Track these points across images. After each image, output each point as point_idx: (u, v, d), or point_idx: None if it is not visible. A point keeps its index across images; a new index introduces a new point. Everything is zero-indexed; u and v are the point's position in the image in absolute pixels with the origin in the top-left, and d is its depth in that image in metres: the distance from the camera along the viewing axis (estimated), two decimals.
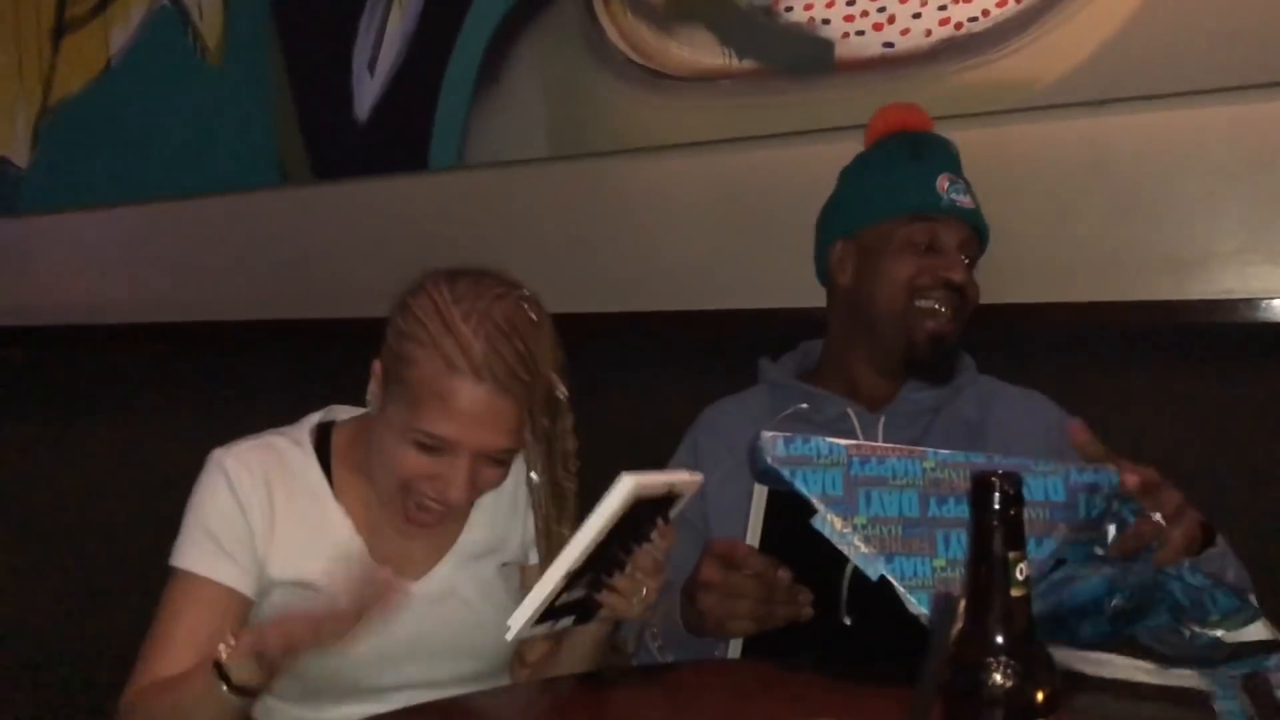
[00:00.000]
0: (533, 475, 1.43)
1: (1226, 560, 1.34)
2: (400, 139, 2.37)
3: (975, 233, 1.65)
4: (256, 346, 2.58)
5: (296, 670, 1.26)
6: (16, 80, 2.88)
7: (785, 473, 1.19)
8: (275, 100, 2.54)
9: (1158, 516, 1.20)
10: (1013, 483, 0.78)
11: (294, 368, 2.49)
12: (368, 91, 2.41)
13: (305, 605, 1.26)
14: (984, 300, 1.83)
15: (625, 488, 1.12)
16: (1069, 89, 1.81)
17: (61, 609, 2.81)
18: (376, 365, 1.37)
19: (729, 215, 2.09)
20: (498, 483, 1.39)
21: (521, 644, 1.48)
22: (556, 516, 1.44)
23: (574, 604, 1.22)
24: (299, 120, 2.51)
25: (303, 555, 1.37)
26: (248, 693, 1.21)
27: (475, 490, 1.36)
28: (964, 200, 1.63)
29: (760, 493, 1.28)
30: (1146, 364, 1.82)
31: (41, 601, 2.84)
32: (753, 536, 1.30)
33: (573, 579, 1.16)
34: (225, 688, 1.19)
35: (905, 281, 1.61)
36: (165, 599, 1.37)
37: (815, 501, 1.18)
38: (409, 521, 1.37)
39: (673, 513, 1.25)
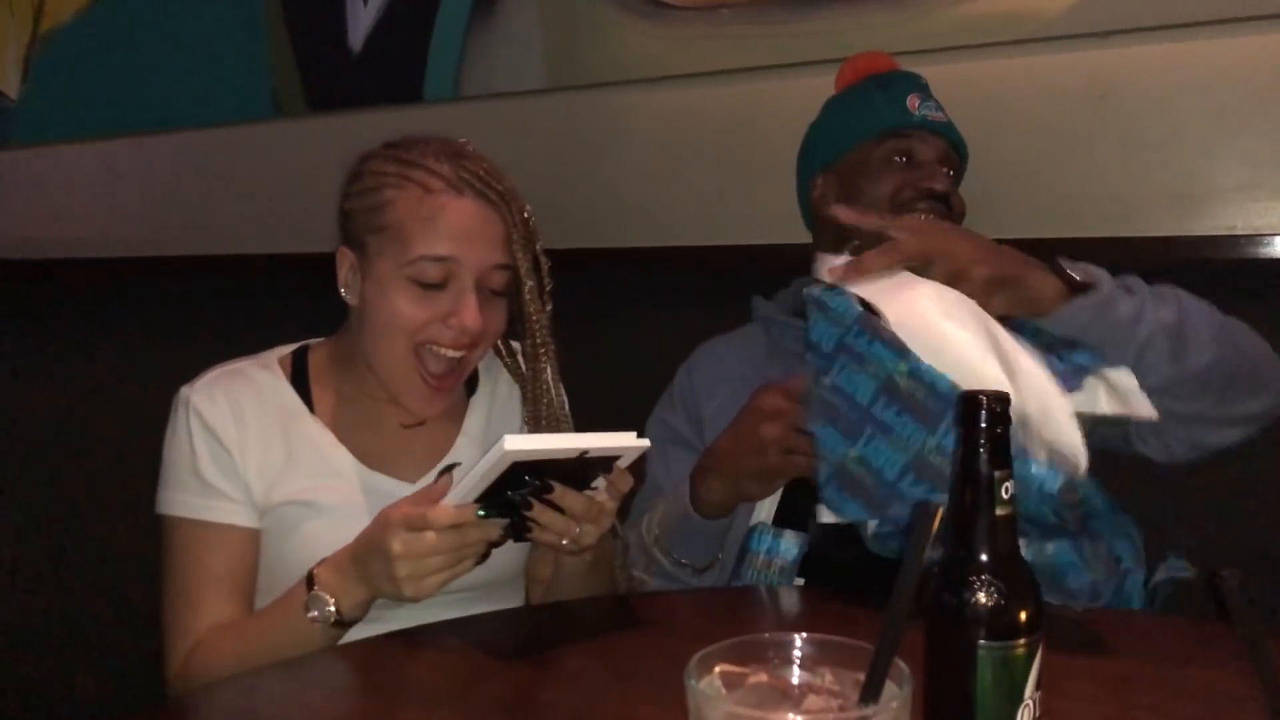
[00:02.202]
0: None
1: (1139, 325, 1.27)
2: (395, 70, 2.33)
3: (954, 148, 1.66)
4: (250, 280, 2.56)
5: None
6: (7, 9, 2.83)
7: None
8: (269, 31, 2.50)
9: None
10: (1000, 402, 0.77)
11: (287, 301, 2.48)
12: (361, 21, 2.36)
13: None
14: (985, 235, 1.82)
15: (497, 453, 1.05)
16: (1073, 20, 1.77)
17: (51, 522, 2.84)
18: (343, 251, 1.38)
19: (729, 148, 2.07)
20: (501, 325, 1.40)
21: (532, 561, 1.49)
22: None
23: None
24: (293, 51, 2.48)
25: (287, 474, 1.35)
26: (346, 624, 1.20)
27: (487, 328, 1.35)
28: (937, 115, 1.64)
29: None
30: None
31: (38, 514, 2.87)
32: None
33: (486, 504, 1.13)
34: (331, 621, 1.18)
35: (888, 198, 1.61)
36: (170, 552, 1.34)
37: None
38: (430, 388, 1.35)
39: (615, 465, 1.18)
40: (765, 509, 1.47)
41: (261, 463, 1.35)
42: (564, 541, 1.18)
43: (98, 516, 2.70)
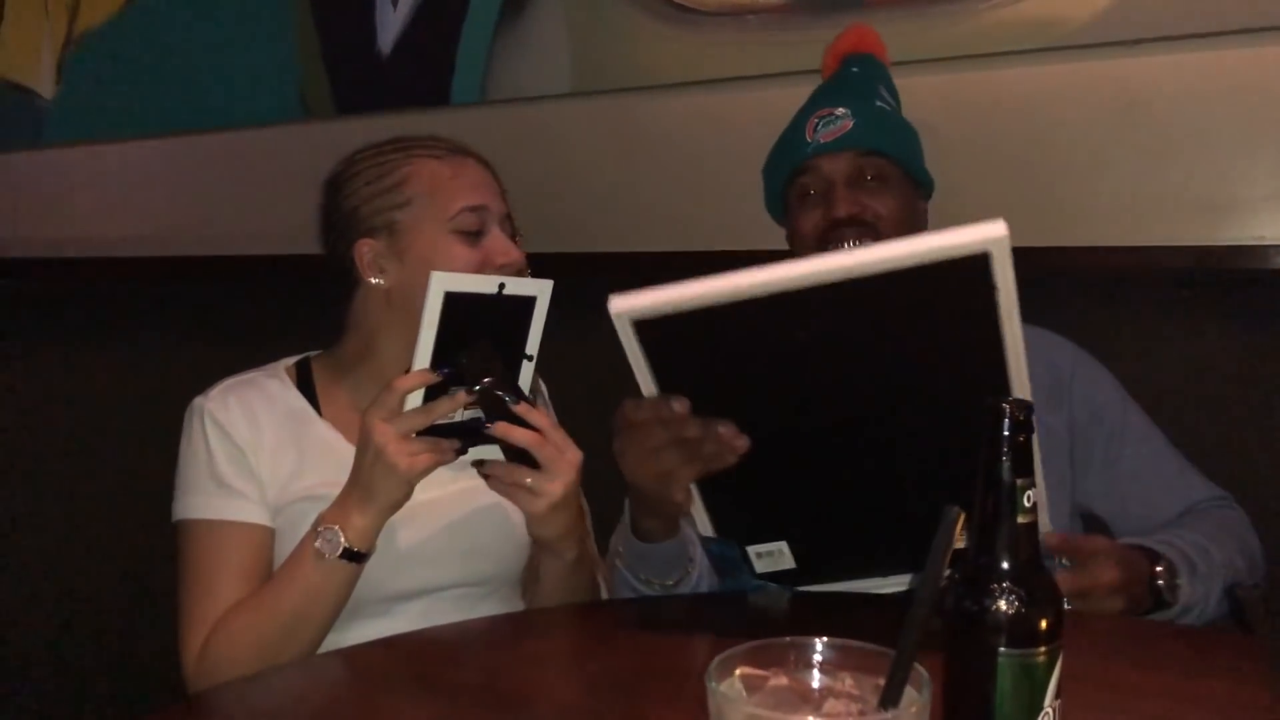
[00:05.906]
0: None
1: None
2: (422, 73, 2.35)
3: (867, 153, 1.60)
4: (278, 282, 2.58)
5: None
6: (42, 11, 2.87)
7: None
8: (298, 33, 2.52)
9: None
10: (1022, 410, 0.77)
11: (315, 301, 2.49)
12: (390, 24, 2.38)
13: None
14: (1012, 243, 1.81)
15: (430, 289, 1.19)
16: (1101, 28, 1.76)
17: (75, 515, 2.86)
18: (361, 244, 1.44)
19: (755, 154, 2.05)
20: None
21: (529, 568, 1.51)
22: None
23: (467, 427, 1.25)
24: (322, 53, 2.50)
25: (300, 473, 1.39)
26: (361, 556, 1.25)
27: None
28: (829, 133, 1.61)
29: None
30: (1176, 309, 1.80)
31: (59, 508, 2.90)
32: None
33: (449, 383, 1.23)
34: (339, 553, 1.23)
35: (809, 236, 1.63)
36: (187, 554, 1.36)
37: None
38: None
39: (535, 310, 1.28)
40: (700, 522, 1.31)
41: (274, 463, 1.39)
42: (527, 480, 1.23)
43: (121, 509, 2.73)
